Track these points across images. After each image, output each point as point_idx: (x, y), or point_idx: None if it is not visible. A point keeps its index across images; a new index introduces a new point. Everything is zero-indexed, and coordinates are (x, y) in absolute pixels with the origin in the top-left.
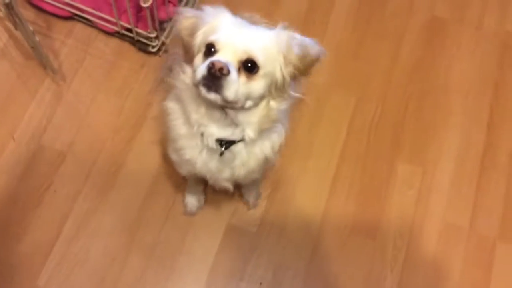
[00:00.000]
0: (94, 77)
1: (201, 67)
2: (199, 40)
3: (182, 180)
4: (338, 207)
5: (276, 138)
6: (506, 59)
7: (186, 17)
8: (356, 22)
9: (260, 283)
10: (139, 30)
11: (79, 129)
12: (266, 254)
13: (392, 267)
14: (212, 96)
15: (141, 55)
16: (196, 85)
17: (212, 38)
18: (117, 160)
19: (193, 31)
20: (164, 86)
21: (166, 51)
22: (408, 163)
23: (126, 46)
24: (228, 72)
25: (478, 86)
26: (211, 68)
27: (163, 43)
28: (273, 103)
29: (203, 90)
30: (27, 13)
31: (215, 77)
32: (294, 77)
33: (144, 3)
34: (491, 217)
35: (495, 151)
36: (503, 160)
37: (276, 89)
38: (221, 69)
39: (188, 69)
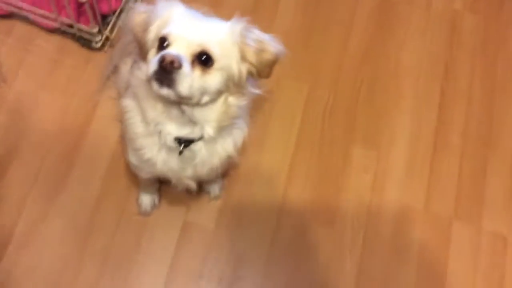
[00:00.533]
0: (37, 77)
1: (152, 62)
2: (152, 35)
3: (134, 179)
4: (296, 196)
5: (238, 134)
6: (454, 38)
7: (138, 12)
8: (305, 9)
9: (220, 279)
10: (80, 26)
11: (23, 131)
12: (225, 249)
13: (350, 250)
14: (165, 91)
15: (85, 51)
16: (148, 80)
17: (164, 32)
18: (65, 162)
19: (146, 26)
20: (111, 83)
21: (111, 46)
22: (362, 147)
23: (69, 43)
24: (180, 65)
25: (428, 67)
26: (162, 61)
27: (107, 38)
28: (231, 99)
29: (155, 85)
30: None
31: (166, 71)
32: (252, 75)
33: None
34: (446, 197)
35: (447, 132)
36: (455, 140)
37: (234, 84)
38: (172, 62)
39: (143, 66)
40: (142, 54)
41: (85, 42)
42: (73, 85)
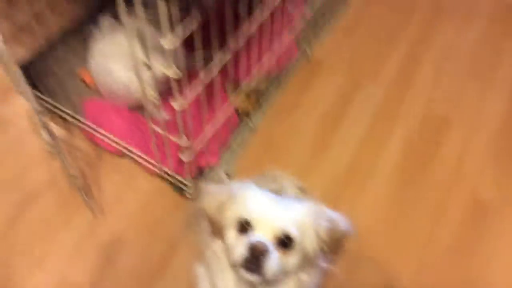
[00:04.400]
0: (130, 214)
1: (239, 248)
2: (230, 216)
3: None
4: None
5: None
6: None
7: (212, 193)
8: (396, 187)
9: None
10: (177, 176)
11: (103, 265)
12: None
13: None
14: (255, 277)
15: (177, 197)
16: (234, 265)
17: (245, 215)
18: None
19: (221, 207)
20: (191, 232)
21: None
22: None
23: (166, 187)
24: (269, 252)
25: None
26: (253, 249)
27: (198, 190)
28: (303, 276)
29: (244, 272)
30: (83, 143)
31: (257, 258)
32: (323, 251)
33: (185, 158)
34: None
35: None
36: None
37: (307, 262)
38: (263, 251)
39: (218, 241)
40: (215, 231)
41: (178, 190)
42: (159, 227)
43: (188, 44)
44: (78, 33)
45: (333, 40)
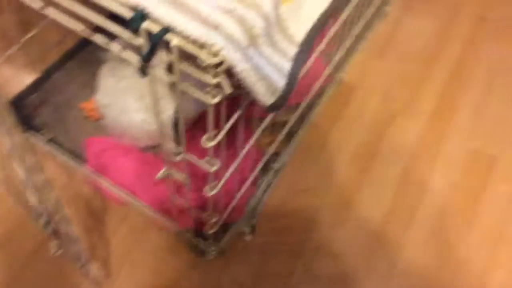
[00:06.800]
0: (140, 274)
1: None
2: None
3: None
4: None
5: None
6: None
7: None
8: (438, 241)
9: None
10: (199, 241)
11: None
12: None
13: None
14: None
15: (193, 256)
16: None
17: None
18: None
19: None
20: None
21: (223, 254)
22: None
23: (181, 244)
24: None
25: None
26: None
27: (220, 249)
28: None
29: None
30: (85, 190)
31: None
32: None
33: (211, 230)
34: None
35: None
36: None
37: None
38: None
39: None
40: None
41: (196, 250)
42: None
43: None
44: (81, 55)
45: (366, 62)
